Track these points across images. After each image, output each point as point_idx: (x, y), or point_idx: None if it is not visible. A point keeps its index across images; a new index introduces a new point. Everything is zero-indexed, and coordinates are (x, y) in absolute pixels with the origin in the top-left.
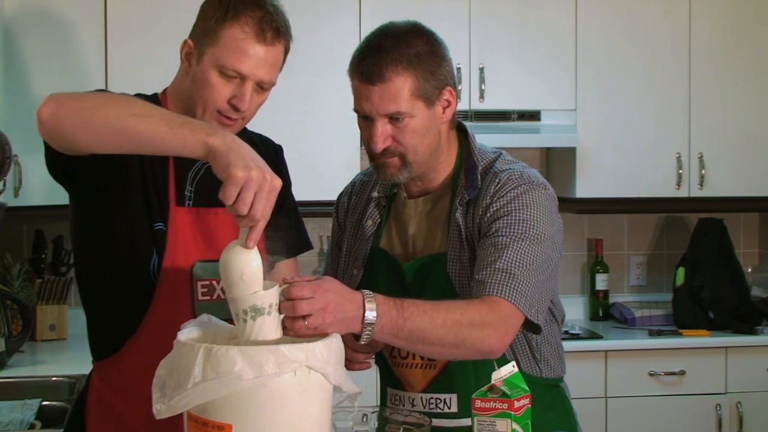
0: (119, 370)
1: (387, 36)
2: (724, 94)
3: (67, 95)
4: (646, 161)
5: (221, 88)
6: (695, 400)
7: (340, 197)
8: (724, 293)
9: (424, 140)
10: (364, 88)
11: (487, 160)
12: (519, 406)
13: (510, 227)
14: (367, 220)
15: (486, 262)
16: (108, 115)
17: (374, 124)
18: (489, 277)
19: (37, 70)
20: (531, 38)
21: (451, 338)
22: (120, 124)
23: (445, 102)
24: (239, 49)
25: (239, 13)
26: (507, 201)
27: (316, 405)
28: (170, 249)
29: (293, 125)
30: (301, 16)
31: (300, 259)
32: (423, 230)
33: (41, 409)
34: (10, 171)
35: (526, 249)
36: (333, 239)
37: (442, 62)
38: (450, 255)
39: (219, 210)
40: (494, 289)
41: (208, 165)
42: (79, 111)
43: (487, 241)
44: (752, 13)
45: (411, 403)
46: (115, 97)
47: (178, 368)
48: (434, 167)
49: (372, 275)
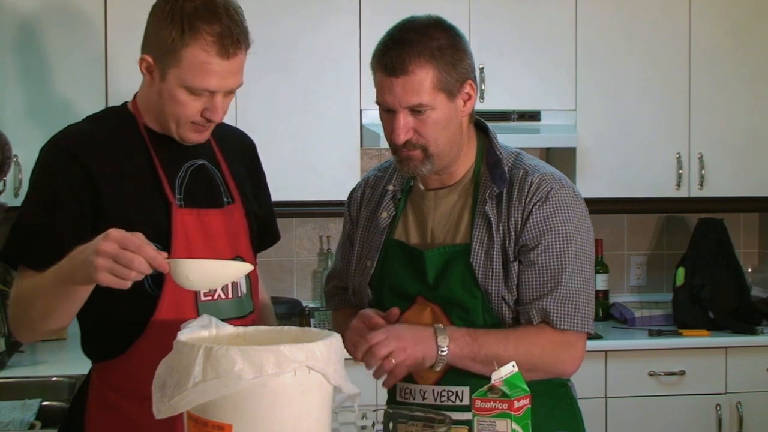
0: (124, 372)
1: (409, 30)
2: (724, 94)
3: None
4: (646, 161)
5: (192, 104)
6: (695, 400)
7: (352, 193)
8: (724, 293)
9: (446, 132)
10: (387, 81)
11: (512, 155)
12: (519, 406)
13: (560, 244)
14: (382, 212)
15: (546, 289)
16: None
17: (396, 116)
18: (553, 306)
19: (38, 70)
20: (531, 38)
21: (524, 365)
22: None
23: (466, 95)
24: (204, 70)
25: (197, 31)
26: (549, 212)
27: (316, 405)
28: (175, 250)
29: (293, 125)
30: (300, 16)
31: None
32: (443, 221)
33: (41, 409)
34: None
35: (580, 268)
36: (344, 234)
37: (464, 56)
38: (475, 246)
39: (212, 212)
40: (560, 321)
41: (193, 170)
42: (29, 324)
43: (538, 260)
44: (752, 13)
45: (422, 395)
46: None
47: (179, 368)
48: (454, 160)
49: (387, 266)
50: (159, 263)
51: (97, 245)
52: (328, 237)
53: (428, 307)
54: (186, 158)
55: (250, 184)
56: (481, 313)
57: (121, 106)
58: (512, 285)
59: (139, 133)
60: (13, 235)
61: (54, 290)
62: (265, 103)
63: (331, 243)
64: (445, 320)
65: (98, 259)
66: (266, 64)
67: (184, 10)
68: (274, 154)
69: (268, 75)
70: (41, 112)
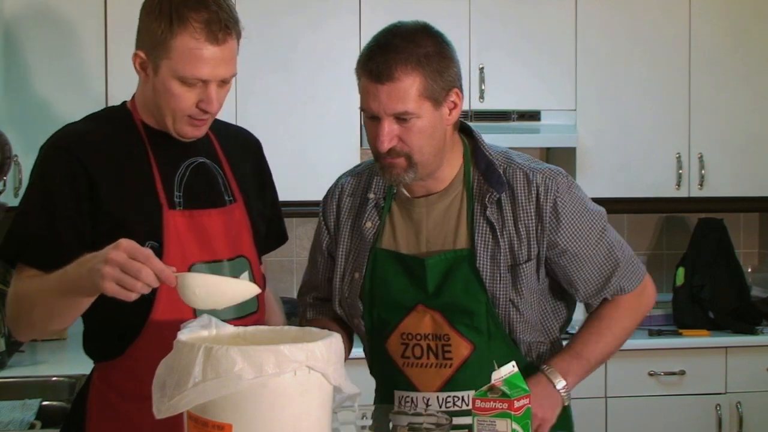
0: (123, 372)
1: (396, 35)
2: (724, 94)
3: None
4: (646, 161)
5: (186, 96)
6: (695, 400)
7: (326, 201)
8: (724, 293)
9: (430, 141)
10: (372, 87)
11: (501, 155)
12: (519, 406)
13: (593, 226)
14: (366, 222)
15: (608, 271)
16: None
17: (381, 123)
18: (622, 281)
19: (38, 70)
20: (531, 38)
21: (626, 337)
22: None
23: (452, 103)
24: (194, 57)
25: (185, 20)
26: (567, 204)
27: (316, 405)
28: (168, 252)
29: (293, 125)
30: (300, 16)
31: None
32: (438, 228)
33: (41, 409)
34: (10, 171)
35: (614, 235)
36: (319, 245)
37: (450, 63)
38: (480, 251)
39: (212, 211)
40: (631, 286)
41: (192, 168)
42: (29, 325)
43: (583, 250)
44: (752, 13)
45: (425, 403)
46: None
47: (179, 368)
48: (438, 167)
49: (377, 277)
50: (167, 276)
51: (107, 254)
52: None
53: (428, 314)
54: (185, 156)
55: (255, 182)
56: (485, 317)
57: (119, 106)
58: (521, 287)
59: (137, 132)
60: (11, 233)
61: (57, 297)
62: (265, 103)
63: None
64: (447, 326)
65: (106, 267)
66: (266, 64)
67: (173, 2)
68: (273, 154)
69: (268, 75)
70: (41, 113)
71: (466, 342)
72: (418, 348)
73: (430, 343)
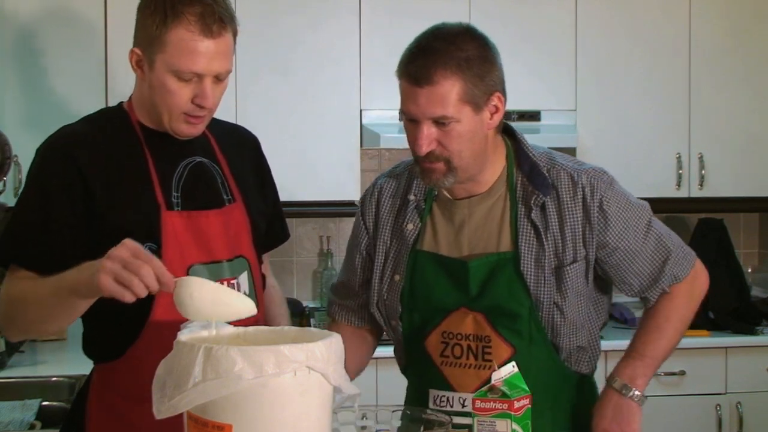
0: (122, 373)
1: (437, 38)
2: (724, 94)
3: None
4: (646, 161)
5: (181, 92)
6: (695, 400)
7: (364, 201)
8: (724, 293)
9: (470, 145)
10: (411, 90)
11: (544, 155)
12: (519, 406)
13: (640, 221)
14: (408, 224)
15: (660, 262)
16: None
17: (420, 126)
18: (676, 269)
19: (38, 70)
20: (531, 38)
21: (686, 324)
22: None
23: (493, 108)
24: (189, 50)
25: (179, 14)
26: (614, 203)
27: (316, 405)
28: (166, 253)
29: (293, 125)
30: (300, 16)
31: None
32: (481, 230)
33: (41, 409)
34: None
35: (661, 225)
36: (355, 246)
37: (493, 67)
38: (524, 254)
39: (210, 212)
40: (684, 274)
41: (191, 168)
42: (23, 327)
43: (635, 246)
44: (752, 13)
45: (461, 403)
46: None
47: (178, 368)
48: (479, 172)
49: (419, 279)
50: (167, 279)
51: (111, 251)
52: (328, 237)
53: (470, 315)
54: (182, 156)
55: (254, 180)
56: (527, 320)
57: (116, 107)
58: (566, 289)
59: (134, 132)
60: (6, 233)
61: (53, 299)
62: (265, 103)
63: (331, 243)
64: (489, 328)
65: (107, 261)
66: (266, 64)
67: None
68: (273, 154)
69: (268, 75)
70: (41, 113)
71: (506, 345)
72: (458, 348)
73: (471, 343)
